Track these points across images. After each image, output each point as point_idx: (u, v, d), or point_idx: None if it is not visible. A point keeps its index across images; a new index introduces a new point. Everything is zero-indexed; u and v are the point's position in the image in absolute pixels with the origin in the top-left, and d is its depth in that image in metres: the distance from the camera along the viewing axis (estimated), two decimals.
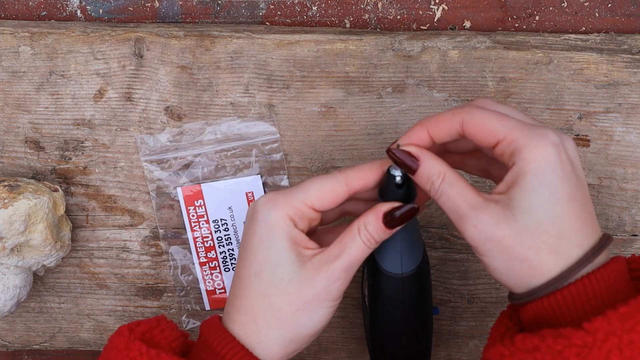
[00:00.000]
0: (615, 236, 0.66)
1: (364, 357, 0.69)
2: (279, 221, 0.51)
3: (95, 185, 0.66)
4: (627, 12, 0.66)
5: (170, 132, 0.65)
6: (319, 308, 0.51)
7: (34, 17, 0.67)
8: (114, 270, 0.68)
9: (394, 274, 0.54)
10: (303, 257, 0.51)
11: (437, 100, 0.65)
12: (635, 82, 0.64)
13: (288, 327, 0.51)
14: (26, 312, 0.69)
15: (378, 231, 0.51)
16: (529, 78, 0.64)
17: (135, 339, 0.51)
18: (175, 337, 0.53)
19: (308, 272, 0.51)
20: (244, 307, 0.51)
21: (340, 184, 0.51)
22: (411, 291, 0.55)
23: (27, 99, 0.65)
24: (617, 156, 0.65)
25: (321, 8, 0.66)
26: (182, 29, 0.65)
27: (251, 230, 0.52)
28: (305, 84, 0.65)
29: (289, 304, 0.51)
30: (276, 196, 0.52)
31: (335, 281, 0.51)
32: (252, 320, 0.51)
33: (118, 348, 0.51)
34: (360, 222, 0.51)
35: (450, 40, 0.64)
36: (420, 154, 0.50)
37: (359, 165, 0.52)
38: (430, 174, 0.49)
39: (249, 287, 0.51)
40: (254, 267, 0.51)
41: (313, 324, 0.51)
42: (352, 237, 0.51)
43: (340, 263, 0.51)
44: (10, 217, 0.59)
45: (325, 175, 0.52)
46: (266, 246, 0.51)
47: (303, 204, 0.51)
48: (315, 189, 0.51)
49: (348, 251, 0.51)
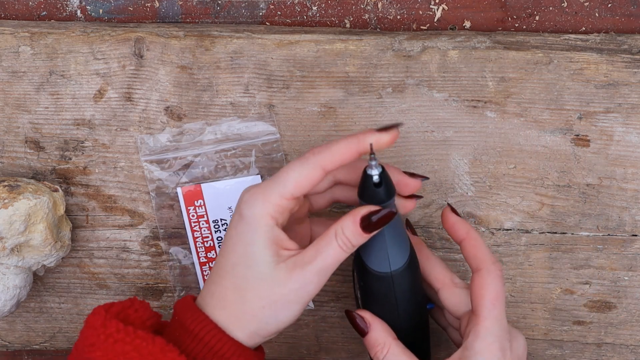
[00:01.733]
0: (615, 236, 0.66)
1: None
2: (259, 220, 0.52)
3: (95, 185, 0.66)
4: (627, 12, 0.66)
5: (170, 132, 0.65)
6: (285, 309, 0.53)
7: (34, 17, 0.67)
8: (114, 270, 0.68)
9: (383, 272, 0.54)
10: (279, 257, 0.52)
11: (437, 100, 0.65)
12: (635, 82, 0.64)
13: (252, 320, 0.53)
14: (26, 312, 0.69)
15: (355, 235, 0.52)
16: (529, 78, 0.64)
17: (111, 317, 0.52)
18: (149, 316, 0.55)
19: (280, 272, 0.52)
20: (217, 294, 0.54)
21: (315, 169, 0.52)
22: (402, 288, 0.55)
23: (27, 99, 0.65)
24: (617, 156, 0.65)
25: (321, 8, 0.66)
26: (182, 29, 0.65)
27: (233, 223, 0.54)
28: (305, 84, 0.65)
29: (257, 300, 0.52)
30: (257, 193, 0.53)
31: (308, 284, 0.52)
32: (223, 307, 0.53)
33: (94, 326, 0.52)
34: (338, 226, 0.52)
35: (450, 40, 0.64)
36: (372, 321, 0.56)
37: (332, 143, 0.52)
38: (377, 342, 0.55)
39: (225, 277, 0.53)
40: (231, 259, 0.53)
41: (276, 323, 0.53)
42: (328, 241, 0.52)
43: (313, 267, 0.52)
44: (10, 217, 0.59)
45: (299, 161, 0.52)
46: (244, 243, 0.52)
47: (282, 199, 0.52)
48: (291, 179, 0.52)
49: (323, 255, 0.52)
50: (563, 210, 0.65)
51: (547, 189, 0.65)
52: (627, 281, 0.66)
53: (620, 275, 0.66)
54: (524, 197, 0.65)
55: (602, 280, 0.66)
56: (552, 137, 0.65)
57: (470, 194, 0.65)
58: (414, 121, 0.65)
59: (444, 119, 0.65)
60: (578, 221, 0.65)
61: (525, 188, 0.65)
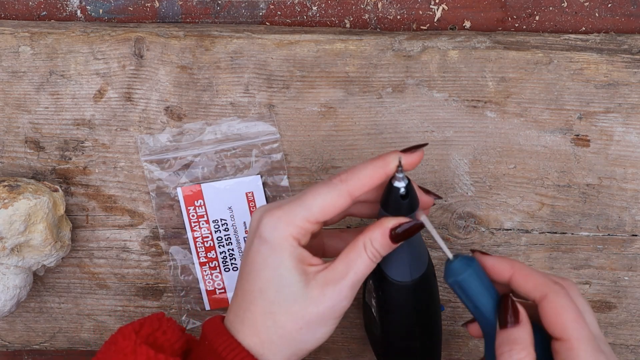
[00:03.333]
0: (615, 236, 0.66)
1: (364, 357, 0.69)
2: (282, 242, 0.51)
3: (95, 185, 0.66)
4: (627, 12, 0.66)
5: (170, 132, 0.65)
6: (322, 326, 0.52)
7: (34, 17, 0.67)
8: (114, 270, 0.68)
9: (404, 282, 0.54)
10: (307, 274, 0.51)
11: (437, 100, 0.65)
12: (635, 82, 0.64)
13: (290, 344, 0.51)
14: (26, 312, 0.69)
15: (384, 246, 0.51)
16: (529, 78, 0.64)
17: (142, 342, 0.51)
18: (177, 338, 0.54)
19: (313, 291, 0.51)
20: (247, 321, 0.52)
21: (342, 196, 0.51)
22: (422, 296, 0.55)
23: (27, 99, 0.65)
24: (617, 156, 0.65)
25: (321, 8, 0.66)
26: (182, 29, 0.65)
27: (255, 248, 0.52)
28: (305, 84, 0.65)
29: (292, 322, 0.51)
30: (279, 215, 0.51)
31: (342, 300, 0.51)
32: (255, 334, 0.52)
33: (125, 352, 0.51)
34: (366, 238, 0.51)
35: (450, 40, 0.64)
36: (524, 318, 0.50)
37: (358, 169, 0.51)
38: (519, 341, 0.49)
39: (254, 302, 0.52)
40: (258, 284, 0.51)
41: (315, 340, 0.52)
42: (358, 253, 0.51)
43: (347, 281, 0.51)
44: (10, 217, 0.59)
45: (326, 186, 0.51)
46: (270, 267, 0.51)
47: (306, 222, 0.51)
48: (318, 205, 0.51)
49: (354, 269, 0.51)
50: (563, 210, 0.65)
51: (547, 189, 0.65)
52: (627, 281, 0.66)
53: (620, 275, 0.66)
54: (524, 197, 0.65)
55: (602, 280, 0.66)
56: (552, 137, 0.65)
57: (470, 194, 0.65)
58: (414, 121, 0.65)
59: (444, 119, 0.65)
60: (578, 221, 0.65)
61: (525, 188, 0.65)
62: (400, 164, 0.51)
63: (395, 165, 0.51)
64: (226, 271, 0.67)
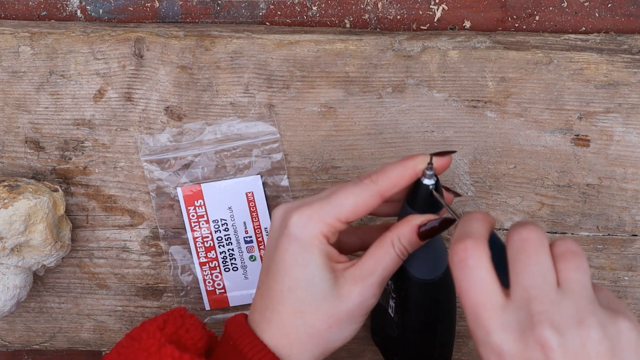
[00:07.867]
0: (615, 236, 0.66)
1: (364, 357, 0.69)
2: (313, 240, 0.51)
3: (95, 185, 0.66)
4: (627, 12, 0.66)
5: (170, 132, 0.65)
6: (351, 324, 0.52)
7: (34, 17, 0.67)
8: (114, 270, 0.68)
9: (428, 280, 0.54)
10: (336, 272, 0.51)
11: (437, 100, 0.65)
12: (635, 82, 0.64)
13: (319, 343, 0.51)
14: (26, 312, 0.69)
15: (412, 243, 0.51)
16: (529, 78, 0.64)
17: (166, 341, 0.51)
18: (200, 336, 0.54)
19: (342, 288, 0.51)
20: (275, 321, 0.52)
21: (374, 197, 0.51)
22: (445, 293, 0.55)
23: (27, 99, 0.65)
24: (617, 156, 0.65)
25: (321, 8, 0.66)
26: (182, 29, 0.65)
27: (283, 246, 0.51)
28: (305, 84, 0.65)
29: (322, 321, 0.51)
30: (309, 212, 0.51)
31: (371, 297, 0.51)
32: (283, 334, 0.51)
33: (149, 351, 0.51)
34: (394, 235, 0.51)
35: (450, 40, 0.64)
36: None
37: (389, 169, 0.51)
38: None
39: (282, 302, 0.51)
40: (287, 283, 0.51)
41: (342, 339, 0.52)
42: (386, 250, 0.51)
43: (376, 278, 0.51)
44: (10, 217, 0.59)
45: (358, 187, 0.51)
46: (300, 264, 0.51)
47: (337, 221, 0.51)
48: (349, 204, 0.51)
49: (383, 265, 0.51)
50: (563, 210, 0.65)
51: (547, 189, 0.65)
52: (627, 281, 0.66)
53: (620, 275, 0.66)
54: (524, 197, 0.65)
55: (602, 280, 0.66)
56: (552, 137, 0.65)
57: (470, 194, 0.65)
58: (414, 121, 0.65)
59: (444, 119, 0.65)
60: (578, 221, 0.66)
61: (525, 188, 0.65)
62: (432, 161, 0.51)
63: (424, 165, 0.51)
64: (226, 271, 0.67)
